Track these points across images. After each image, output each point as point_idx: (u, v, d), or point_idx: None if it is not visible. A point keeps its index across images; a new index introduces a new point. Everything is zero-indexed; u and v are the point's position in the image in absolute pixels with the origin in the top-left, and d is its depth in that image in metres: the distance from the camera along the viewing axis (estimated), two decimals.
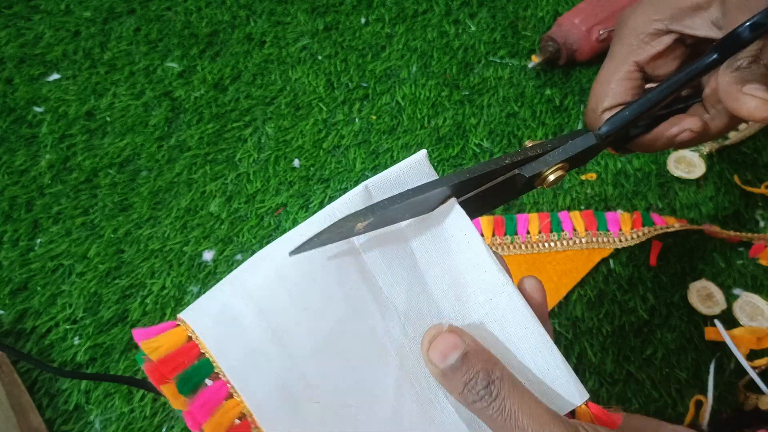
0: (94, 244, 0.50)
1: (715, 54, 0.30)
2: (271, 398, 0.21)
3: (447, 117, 0.56)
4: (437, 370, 0.24)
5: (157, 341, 0.21)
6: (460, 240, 0.25)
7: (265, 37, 0.62)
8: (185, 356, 0.21)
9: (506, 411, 0.22)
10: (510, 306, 0.25)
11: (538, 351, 0.25)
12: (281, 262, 0.23)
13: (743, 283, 0.47)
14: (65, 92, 0.58)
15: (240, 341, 0.22)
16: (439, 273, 0.25)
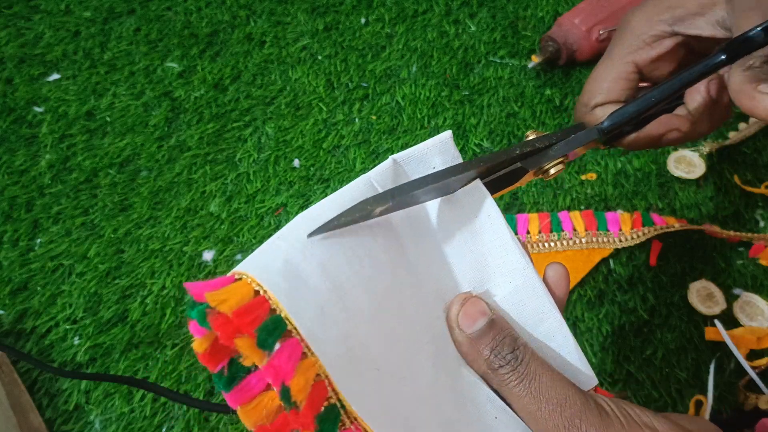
0: (94, 244, 0.50)
1: (724, 55, 0.29)
2: (341, 360, 0.20)
3: (447, 117, 0.56)
4: (464, 336, 0.24)
5: (224, 293, 0.19)
6: (483, 221, 0.25)
7: (265, 37, 0.62)
8: (262, 311, 0.19)
9: (531, 374, 0.23)
10: (529, 289, 0.25)
11: (552, 335, 0.25)
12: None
13: (743, 283, 0.47)
14: (65, 92, 0.58)
15: (310, 299, 0.20)
16: (460, 253, 0.26)
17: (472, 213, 0.25)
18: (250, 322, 0.19)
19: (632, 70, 0.34)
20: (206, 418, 0.42)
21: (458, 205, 0.25)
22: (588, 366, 0.25)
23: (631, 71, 0.34)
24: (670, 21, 0.33)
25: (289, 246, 0.21)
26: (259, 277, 0.20)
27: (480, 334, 0.24)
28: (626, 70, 0.34)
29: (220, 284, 0.19)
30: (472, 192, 0.25)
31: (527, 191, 0.52)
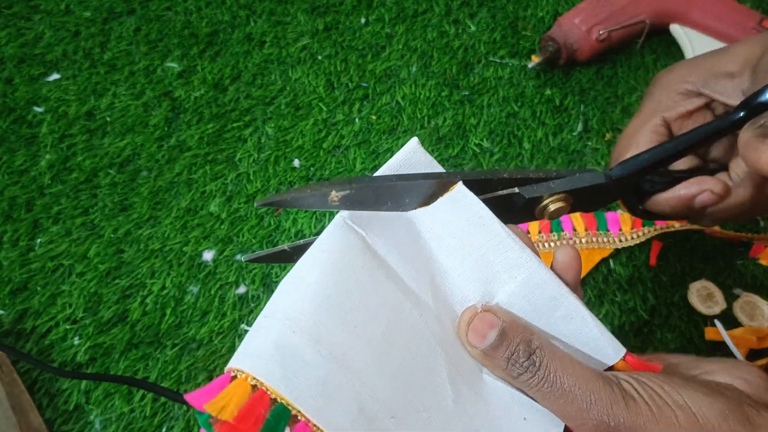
0: (94, 244, 0.50)
1: (742, 112, 0.29)
2: (354, 426, 0.21)
3: (447, 117, 0.56)
4: (478, 352, 0.24)
5: (223, 399, 0.19)
6: (476, 223, 0.25)
7: (265, 37, 0.62)
8: (260, 407, 0.20)
9: (551, 377, 0.23)
10: (536, 280, 0.25)
11: (570, 318, 0.25)
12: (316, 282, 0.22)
13: (743, 283, 0.47)
14: (65, 92, 0.58)
15: (308, 377, 0.21)
16: (459, 259, 0.25)
17: (462, 218, 0.25)
18: (253, 424, 0.19)
19: (661, 123, 0.34)
20: None
21: (445, 211, 0.25)
22: (612, 339, 0.25)
23: (660, 125, 0.34)
24: (699, 82, 0.33)
25: (277, 325, 0.21)
26: (252, 370, 0.20)
27: (493, 347, 0.24)
28: (656, 123, 0.34)
29: (218, 388, 0.20)
30: (457, 197, 0.25)
31: None
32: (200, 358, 0.44)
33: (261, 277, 0.48)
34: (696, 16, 0.58)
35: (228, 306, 0.47)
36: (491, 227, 0.25)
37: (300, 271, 0.23)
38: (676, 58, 0.60)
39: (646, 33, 0.59)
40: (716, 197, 0.32)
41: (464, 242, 0.25)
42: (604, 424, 0.22)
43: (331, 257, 0.23)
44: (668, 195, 0.33)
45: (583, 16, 0.57)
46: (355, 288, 0.23)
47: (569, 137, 0.56)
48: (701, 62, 0.33)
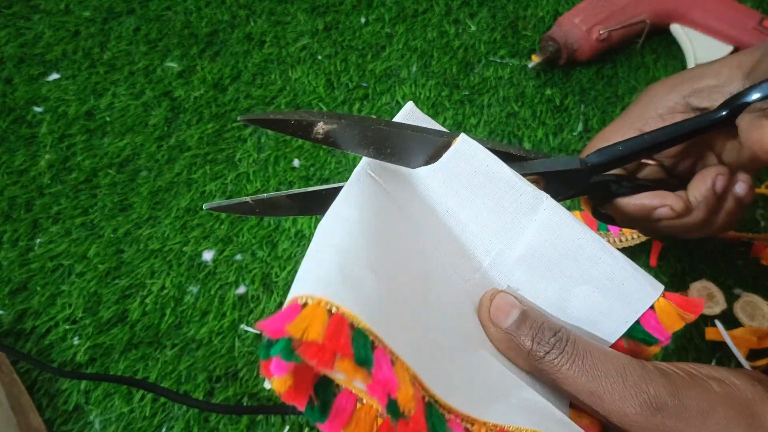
0: (94, 244, 0.50)
1: (724, 111, 0.28)
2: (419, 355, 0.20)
3: (447, 117, 0.56)
4: (501, 333, 0.23)
5: (303, 321, 0.18)
6: (485, 172, 0.25)
7: (265, 36, 0.62)
8: (345, 329, 0.18)
9: (581, 352, 0.22)
10: (555, 219, 0.24)
11: (598, 258, 0.24)
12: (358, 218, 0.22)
13: (744, 283, 0.47)
14: (65, 92, 0.58)
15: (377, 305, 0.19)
16: (475, 210, 0.25)
17: (470, 168, 0.25)
18: (344, 342, 0.18)
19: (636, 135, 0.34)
20: (206, 418, 0.42)
21: (453, 166, 0.25)
22: (646, 276, 0.24)
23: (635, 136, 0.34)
24: (688, 92, 0.33)
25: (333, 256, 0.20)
26: (326, 295, 0.18)
27: (516, 325, 0.23)
28: (631, 134, 0.34)
29: (291, 314, 0.18)
30: (462, 149, 0.25)
31: None
32: (200, 359, 0.44)
33: (261, 277, 0.48)
34: (696, 16, 0.58)
35: (228, 306, 0.46)
36: (501, 173, 0.24)
37: (339, 210, 0.22)
38: (677, 58, 0.60)
39: (647, 33, 0.59)
40: (674, 214, 0.32)
41: (477, 192, 0.25)
42: (644, 391, 0.21)
43: (364, 198, 0.23)
44: (631, 200, 0.33)
45: (584, 16, 0.57)
46: (389, 226, 0.23)
47: (569, 137, 0.55)
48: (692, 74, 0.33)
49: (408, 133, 0.24)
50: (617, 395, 0.21)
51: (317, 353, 0.17)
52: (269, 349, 0.18)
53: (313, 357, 0.17)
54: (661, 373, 0.22)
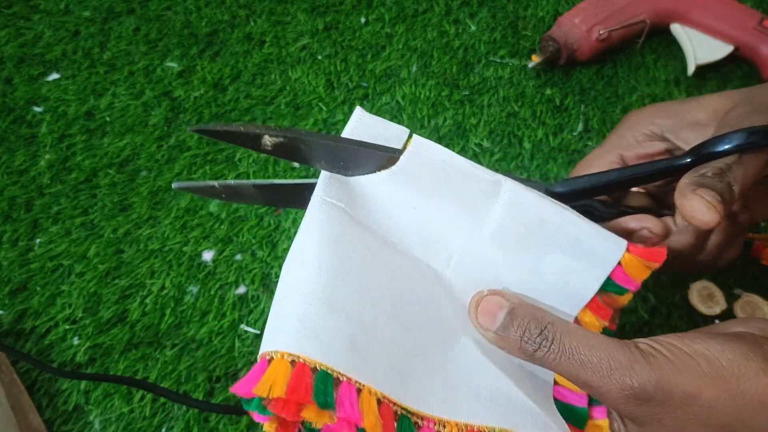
0: (94, 244, 0.50)
1: (689, 158, 0.29)
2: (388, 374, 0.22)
3: (447, 117, 0.56)
4: (491, 334, 0.25)
5: (269, 380, 0.20)
6: (442, 167, 0.26)
7: (265, 36, 0.62)
8: (305, 377, 0.20)
9: (567, 349, 0.23)
10: (516, 198, 0.25)
11: (562, 227, 0.25)
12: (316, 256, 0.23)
13: (744, 283, 0.47)
14: (65, 92, 0.58)
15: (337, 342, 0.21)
16: (439, 203, 0.26)
17: (429, 166, 0.26)
18: (304, 393, 0.20)
19: (617, 160, 0.34)
20: (206, 418, 0.42)
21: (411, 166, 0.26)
22: (609, 234, 0.25)
23: (614, 161, 0.34)
24: (666, 126, 0.33)
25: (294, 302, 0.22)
26: (287, 348, 0.21)
27: (504, 327, 0.24)
28: (611, 159, 0.34)
29: (259, 372, 0.20)
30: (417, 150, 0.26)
31: None
32: (200, 359, 0.44)
33: (261, 277, 0.48)
34: (696, 16, 0.58)
35: (228, 306, 0.46)
36: (458, 165, 0.26)
37: (298, 251, 0.24)
38: (677, 58, 0.60)
39: (647, 33, 0.59)
40: (654, 237, 0.32)
41: (439, 186, 0.26)
42: (628, 386, 0.22)
43: (321, 233, 0.24)
44: (611, 225, 0.33)
45: (584, 16, 0.57)
46: (351, 254, 0.24)
47: (569, 137, 0.55)
48: (673, 107, 0.34)
49: (354, 149, 0.25)
50: (605, 388, 0.22)
51: (283, 408, 0.20)
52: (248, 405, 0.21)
53: (281, 411, 0.20)
54: (646, 361, 0.22)
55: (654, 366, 0.22)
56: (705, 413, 0.22)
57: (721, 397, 0.22)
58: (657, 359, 0.22)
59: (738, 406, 0.22)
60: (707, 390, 0.22)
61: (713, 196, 0.26)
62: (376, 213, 0.26)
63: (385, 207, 0.26)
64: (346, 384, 0.21)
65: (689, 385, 0.22)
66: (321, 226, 0.24)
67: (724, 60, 0.58)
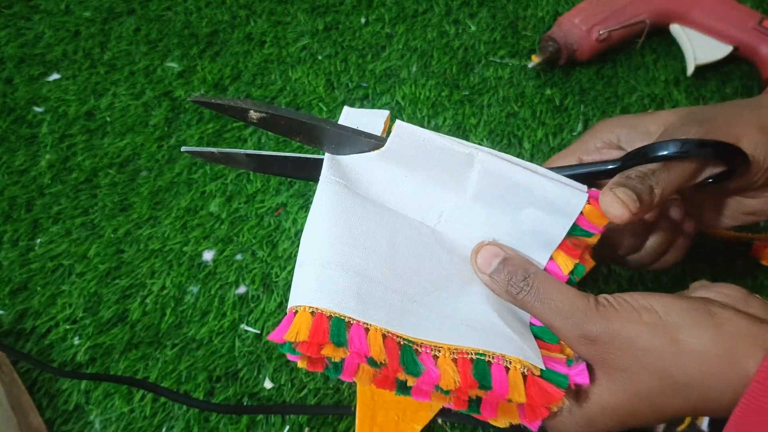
0: (94, 244, 0.50)
1: (618, 163, 0.31)
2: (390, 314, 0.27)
3: (447, 117, 0.56)
4: (485, 276, 0.30)
5: (295, 327, 0.26)
6: (423, 146, 0.30)
7: (265, 37, 0.62)
8: (322, 323, 0.26)
9: (541, 295, 0.28)
10: (488, 166, 0.30)
11: (531, 186, 0.30)
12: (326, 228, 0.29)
13: (743, 284, 0.47)
14: (65, 92, 0.58)
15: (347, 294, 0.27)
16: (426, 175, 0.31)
17: (412, 145, 0.30)
18: (323, 335, 0.26)
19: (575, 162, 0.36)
20: (206, 418, 0.42)
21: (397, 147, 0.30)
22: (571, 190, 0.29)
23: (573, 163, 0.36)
24: (623, 136, 0.36)
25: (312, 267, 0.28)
26: (307, 302, 0.26)
27: (496, 271, 0.29)
28: (571, 161, 0.37)
29: (287, 323, 0.26)
30: (400, 132, 0.30)
31: None
32: (200, 358, 0.44)
33: (261, 277, 0.48)
34: (696, 16, 0.58)
35: (228, 306, 0.47)
36: (437, 142, 0.30)
37: (312, 224, 0.29)
38: (677, 58, 0.60)
39: (646, 33, 0.59)
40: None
41: (423, 160, 0.30)
42: (580, 328, 0.27)
43: (329, 207, 0.29)
44: None
45: (583, 16, 0.57)
46: (355, 221, 0.29)
47: (569, 137, 0.56)
48: (632, 119, 0.36)
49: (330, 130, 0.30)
50: (563, 330, 0.27)
51: (308, 348, 0.26)
52: (282, 348, 0.27)
53: (306, 351, 0.26)
54: (597, 310, 0.27)
55: (602, 314, 0.27)
56: (643, 356, 0.26)
57: (657, 343, 0.26)
58: (606, 309, 0.27)
59: (674, 354, 0.25)
60: (644, 335, 0.26)
61: (628, 195, 0.29)
62: (372, 185, 0.31)
63: (380, 179, 0.31)
64: (356, 326, 0.26)
65: (628, 330, 0.26)
66: (328, 202, 0.29)
67: (724, 60, 0.58)
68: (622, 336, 0.26)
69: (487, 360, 0.27)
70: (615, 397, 0.27)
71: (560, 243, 0.31)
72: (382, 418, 0.40)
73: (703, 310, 0.26)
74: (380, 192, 0.31)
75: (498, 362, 0.27)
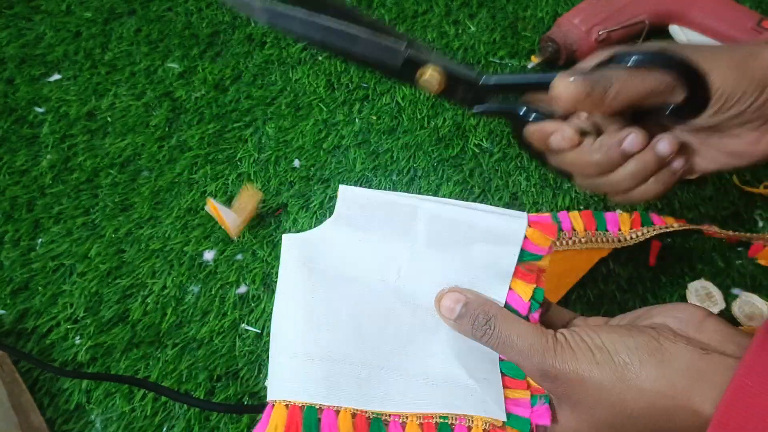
0: (95, 244, 0.50)
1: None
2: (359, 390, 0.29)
3: (447, 117, 0.57)
4: (451, 322, 0.31)
5: (273, 423, 0.28)
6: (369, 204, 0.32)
7: (266, 37, 0.62)
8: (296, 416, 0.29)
9: (503, 336, 0.30)
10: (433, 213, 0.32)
11: (473, 224, 0.31)
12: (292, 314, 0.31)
13: (742, 283, 0.47)
14: (66, 93, 0.58)
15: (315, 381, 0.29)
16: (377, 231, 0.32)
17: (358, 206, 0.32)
18: (296, 427, 0.28)
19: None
20: (207, 417, 0.42)
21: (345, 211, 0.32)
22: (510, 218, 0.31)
23: None
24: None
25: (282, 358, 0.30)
26: (280, 396, 0.29)
27: (460, 317, 0.31)
28: None
29: (267, 417, 0.29)
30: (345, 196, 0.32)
31: (526, 191, 0.52)
32: (201, 358, 0.44)
33: (261, 277, 0.48)
34: (695, 17, 0.58)
35: (228, 306, 0.47)
36: (382, 199, 0.32)
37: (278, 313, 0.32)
38: None
39: (646, 33, 0.59)
40: (564, 142, 0.35)
41: (372, 219, 0.32)
42: (540, 368, 0.28)
43: (292, 292, 0.31)
44: (534, 126, 0.36)
45: (583, 17, 0.57)
46: (317, 304, 0.31)
47: None
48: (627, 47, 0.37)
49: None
50: (526, 367, 0.29)
51: None
52: None
53: None
54: (555, 350, 0.28)
55: (559, 354, 0.28)
56: (596, 392, 0.27)
57: (608, 380, 0.27)
58: (564, 349, 0.28)
59: (623, 390, 0.27)
60: (595, 374, 0.27)
61: (577, 80, 0.31)
62: (330, 257, 0.32)
63: (337, 248, 0.32)
64: (327, 411, 0.29)
65: (582, 369, 0.28)
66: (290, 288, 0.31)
67: None
68: (578, 374, 0.28)
69: (450, 423, 0.29)
70: (578, 424, 0.29)
71: (514, 271, 0.32)
72: None
73: (651, 348, 0.28)
74: (339, 263, 0.32)
75: (461, 423, 0.29)
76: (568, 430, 0.29)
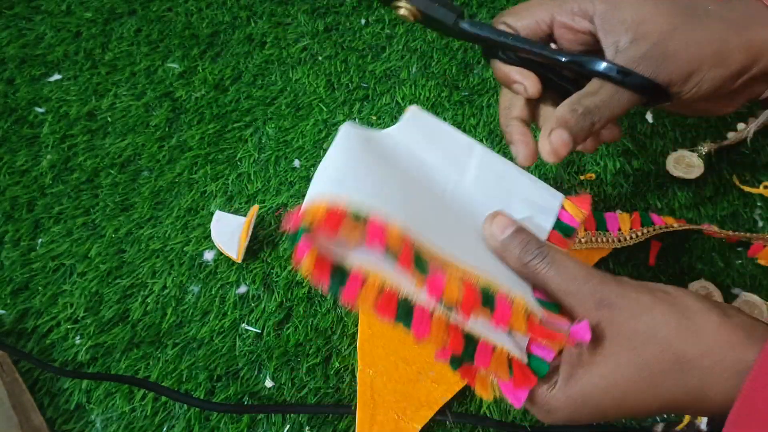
0: (96, 244, 0.50)
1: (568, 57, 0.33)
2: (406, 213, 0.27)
3: (447, 117, 0.57)
4: (497, 242, 0.30)
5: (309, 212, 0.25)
6: (431, 130, 0.34)
7: (266, 37, 0.63)
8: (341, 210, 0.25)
9: (557, 261, 0.29)
10: (486, 158, 0.34)
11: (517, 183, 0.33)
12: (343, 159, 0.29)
13: (742, 283, 0.47)
14: (66, 93, 0.59)
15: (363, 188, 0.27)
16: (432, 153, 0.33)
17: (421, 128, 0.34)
18: (341, 213, 0.25)
19: (546, 20, 0.35)
20: (207, 417, 0.42)
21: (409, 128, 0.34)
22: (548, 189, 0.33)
23: (544, 20, 0.36)
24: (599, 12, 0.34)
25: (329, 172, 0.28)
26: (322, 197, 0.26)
27: (510, 239, 0.30)
28: (542, 17, 0.36)
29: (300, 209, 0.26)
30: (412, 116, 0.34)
31: None
32: (201, 358, 0.44)
33: (261, 277, 0.48)
34: None
35: (228, 306, 0.47)
36: (443, 129, 0.34)
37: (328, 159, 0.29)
38: None
39: None
40: (521, 90, 0.35)
41: (430, 142, 0.34)
42: (600, 291, 0.27)
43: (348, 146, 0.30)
44: (503, 67, 0.36)
45: None
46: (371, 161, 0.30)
47: None
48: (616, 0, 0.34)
49: None
50: (579, 295, 0.28)
51: (325, 223, 0.25)
52: (293, 237, 0.25)
53: (324, 225, 0.25)
54: (614, 280, 0.28)
55: (618, 282, 0.28)
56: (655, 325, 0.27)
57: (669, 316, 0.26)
58: (622, 279, 0.28)
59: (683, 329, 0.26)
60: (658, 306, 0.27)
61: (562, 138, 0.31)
62: (389, 148, 0.33)
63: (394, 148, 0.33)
64: (374, 219, 0.25)
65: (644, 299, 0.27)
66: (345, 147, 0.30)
67: None
68: (639, 303, 0.27)
69: (492, 291, 0.27)
70: (615, 369, 0.27)
71: (549, 234, 0.33)
72: (382, 417, 0.40)
73: (710, 301, 0.27)
74: (392, 155, 0.32)
75: (502, 293, 0.27)
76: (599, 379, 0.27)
